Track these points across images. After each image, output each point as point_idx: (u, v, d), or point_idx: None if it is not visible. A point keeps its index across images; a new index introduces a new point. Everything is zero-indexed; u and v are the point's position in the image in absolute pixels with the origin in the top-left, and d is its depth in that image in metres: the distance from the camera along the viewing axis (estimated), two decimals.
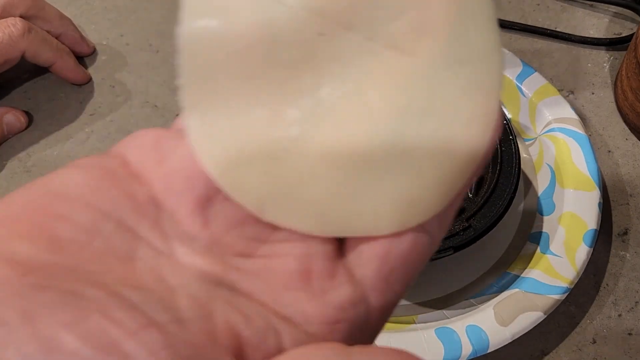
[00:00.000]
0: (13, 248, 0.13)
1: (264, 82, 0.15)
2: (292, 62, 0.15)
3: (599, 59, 0.46)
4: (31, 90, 0.44)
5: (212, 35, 0.15)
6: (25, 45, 0.40)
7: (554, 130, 0.39)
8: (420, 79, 0.15)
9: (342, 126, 0.15)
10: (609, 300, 0.35)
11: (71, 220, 0.14)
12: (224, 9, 0.15)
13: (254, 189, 0.15)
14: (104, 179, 0.15)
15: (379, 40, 0.15)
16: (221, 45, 0.15)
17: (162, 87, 0.45)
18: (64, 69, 0.43)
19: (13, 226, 0.13)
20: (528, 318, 0.31)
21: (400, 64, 0.15)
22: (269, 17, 0.15)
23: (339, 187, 0.15)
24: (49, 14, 0.43)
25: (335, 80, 0.15)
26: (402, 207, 0.15)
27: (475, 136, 0.15)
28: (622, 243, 0.37)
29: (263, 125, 0.15)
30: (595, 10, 0.48)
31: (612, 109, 0.43)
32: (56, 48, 0.43)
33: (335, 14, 0.15)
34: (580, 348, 0.33)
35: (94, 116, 0.43)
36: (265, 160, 0.15)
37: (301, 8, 0.15)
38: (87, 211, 0.14)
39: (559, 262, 0.33)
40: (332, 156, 0.15)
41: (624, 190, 0.39)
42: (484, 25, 0.16)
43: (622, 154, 0.41)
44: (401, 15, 0.15)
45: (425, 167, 0.15)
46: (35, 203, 0.14)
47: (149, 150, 0.15)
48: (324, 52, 0.15)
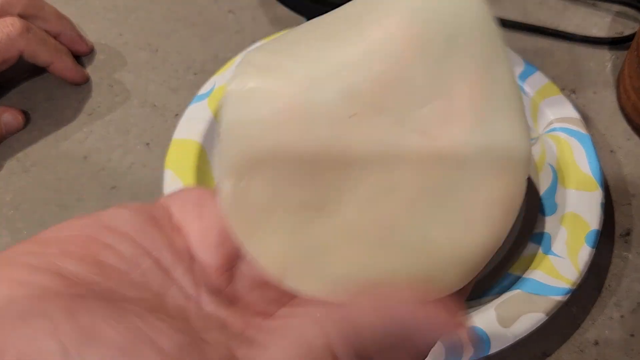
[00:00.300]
0: (62, 264, 0.15)
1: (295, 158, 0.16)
2: (323, 139, 0.16)
3: (601, 58, 0.45)
4: (29, 89, 0.44)
5: (254, 106, 0.16)
6: (24, 45, 0.40)
7: (556, 129, 0.38)
8: (445, 164, 0.16)
9: (368, 205, 0.16)
10: (611, 301, 0.34)
11: (116, 250, 0.15)
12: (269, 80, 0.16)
13: (277, 258, 0.16)
14: (149, 223, 0.16)
15: (407, 124, 0.16)
16: (260, 120, 0.16)
17: (162, 86, 0.45)
18: (62, 69, 0.43)
19: (64, 247, 0.15)
20: (530, 319, 0.31)
21: (426, 150, 0.16)
22: (306, 97, 0.16)
23: (361, 260, 0.16)
24: (47, 13, 0.43)
25: (362, 161, 0.16)
26: (420, 283, 0.16)
27: (497, 219, 0.16)
28: (625, 244, 0.36)
29: (290, 204, 0.16)
30: (597, 9, 0.48)
31: (615, 109, 0.42)
32: (54, 48, 0.42)
33: (368, 98, 0.16)
34: (582, 350, 0.33)
35: (93, 116, 0.43)
36: (290, 230, 0.16)
37: (336, 91, 0.16)
38: (131, 245, 0.16)
39: (561, 263, 0.33)
40: (356, 232, 0.16)
41: (626, 191, 0.39)
42: (510, 113, 0.16)
43: (625, 153, 0.40)
44: (429, 102, 0.16)
45: (443, 247, 0.16)
46: (85, 230, 0.16)
47: (191, 206, 0.17)
48: (354, 133, 0.16)
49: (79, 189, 0.40)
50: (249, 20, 0.49)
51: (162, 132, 0.42)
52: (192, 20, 0.48)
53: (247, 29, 0.48)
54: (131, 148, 0.42)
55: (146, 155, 0.41)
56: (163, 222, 0.17)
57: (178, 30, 0.48)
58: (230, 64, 0.42)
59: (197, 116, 0.39)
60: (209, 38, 0.47)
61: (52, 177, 0.40)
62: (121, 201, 0.39)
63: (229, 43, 0.47)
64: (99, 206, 0.39)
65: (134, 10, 0.49)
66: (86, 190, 0.40)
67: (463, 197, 0.16)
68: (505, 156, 0.16)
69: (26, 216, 0.39)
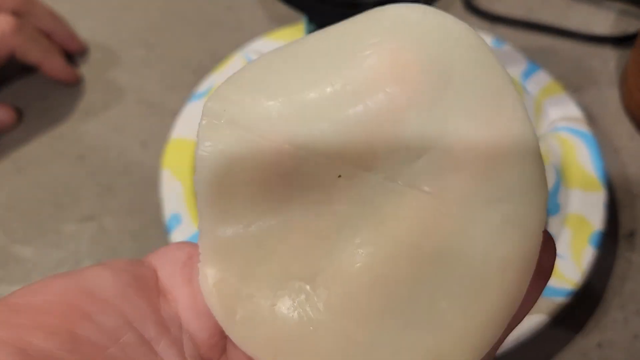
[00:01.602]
0: (31, 339, 0.13)
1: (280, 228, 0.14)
2: (311, 203, 0.14)
3: (605, 57, 0.45)
4: (23, 88, 0.44)
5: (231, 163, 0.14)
6: (16, 43, 0.39)
7: (559, 129, 0.38)
8: (445, 220, 0.14)
9: (363, 274, 0.14)
10: (615, 303, 0.34)
11: (94, 321, 0.14)
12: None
13: (264, 343, 0.14)
14: (133, 287, 0.15)
15: (400, 179, 0.14)
16: (237, 192, 0.14)
17: (158, 84, 0.44)
18: (53, 69, 0.42)
19: (37, 317, 0.14)
20: (532, 321, 0.30)
21: (423, 204, 0.14)
22: (288, 159, 0.14)
23: (358, 336, 0.14)
24: (40, 11, 0.43)
25: (352, 223, 0.14)
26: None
27: (510, 282, 0.14)
28: (629, 245, 0.36)
29: (275, 278, 0.14)
30: (601, 7, 0.48)
31: (618, 108, 0.42)
32: (46, 48, 0.42)
33: (356, 153, 0.14)
34: (586, 352, 0.32)
35: (88, 114, 0.43)
36: (276, 311, 0.14)
37: (320, 148, 0.14)
38: (111, 315, 0.14)
39: (564, 264, 0.32)
40: (351, 305, 0.14)
41: (630, 191, 0.38)
42: (519, 160, 0.14)
43: (629, 153, 0.40)
44: (424, 154, 0.14)
45: (453, 319, 0.14)
46: (63, 296, 0.14)
47: (180, 268, 0.16)
48: (343, 193, 0.14)
49: (74, 189, 0.39)
50: (248, 17, 0.48)
51: (159, 131, 0.41)
52: (189, 17, 0.48)
53: (246, 26, 0.47)
54: (127, 147, 0.41)
55: (143, 155, 0.41)
56: (149, 285, 0.15)
57: (175, 27, 0.47)
58: (228, 62, 0.41)
59: (196, 114, 0.39)
60: (207, 35, 0.47)
61: (47, 177, 0.40)
62: (117, 202, 0.39)
63: (227, 40, 0.46)
64: (95, 207, 0.38)
65: (130, 7, 0.49)
66: (82, 191, 0.39)
67: (471, 259, 0.13)
68: (516, 212, 0.14)
69: (21, 217, 0.38)
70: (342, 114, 0.14)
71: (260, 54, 0.42)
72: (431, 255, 0.14)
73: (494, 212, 0.14)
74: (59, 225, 0.37)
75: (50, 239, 0.37)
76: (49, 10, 0.44)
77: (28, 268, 0.36)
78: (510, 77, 0.14)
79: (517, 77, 0.41)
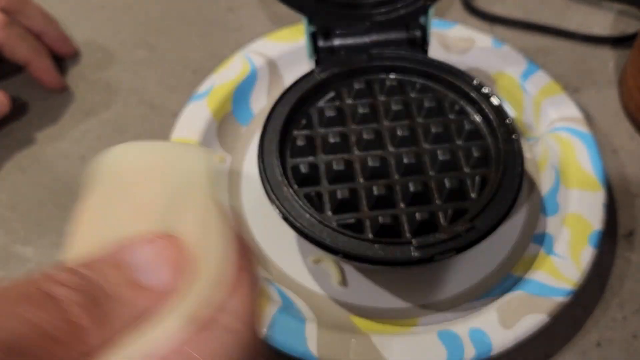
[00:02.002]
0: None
1: None
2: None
3: (603, 57, 0.45)
4: (25, 87, 0.44)
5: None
6: (2, 38, 0.39)
7: (559, 129, 0.38)
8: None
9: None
10: (614, 302, 0.34)
11: None
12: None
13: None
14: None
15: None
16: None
17: (158, 85, 0.44)
18: (39, 70, 0.42)
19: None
20: (532, 321, 0.30)
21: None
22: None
23: None
24: (31, 10, 0.42)
25: None
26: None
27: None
28: (628, 244, 0.36)
29: None
30: (600, 7, 0.48)
31: (617, 108, 0.42)
32: (34, 48, 0.41)
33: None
34: (585, 351, 0.32)
35: (90, 115, 0.43)
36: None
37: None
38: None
39: (564, 263, 0.32)
40: None
41: (629, 191, 0.38)
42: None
43: (628, 153, 0.40)
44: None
45: None
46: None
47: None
48: None
49: (75, 189, 0.39)
50: (248, 18, 0.48)
51: (160, 131, 0.41)
52: (189, 17, 0.48)
53: (246, 26, 0.47)
54: None
55: None
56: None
57: (175, 28, 0.47)
58: (229, 62, 0.41)
59: (196, 115, 0.39)
60: (207, 35, 0.47)
61: (49, 177, 0.40)
62: None
63: (228, 40, 0.46)
64: None
65: (130, 8, 0.49)
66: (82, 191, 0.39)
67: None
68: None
69: (23, 217, 0.38)
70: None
71: (261, 54, 0.42)
72: None
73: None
74: (60, 225, 0.37)
75: (51, 239, 0.37)
76: (41, 10, 0.43)
77: (29, 268, 0.36)
78: (216, 198, 0.19)
79: (517, 78, 0.41)
